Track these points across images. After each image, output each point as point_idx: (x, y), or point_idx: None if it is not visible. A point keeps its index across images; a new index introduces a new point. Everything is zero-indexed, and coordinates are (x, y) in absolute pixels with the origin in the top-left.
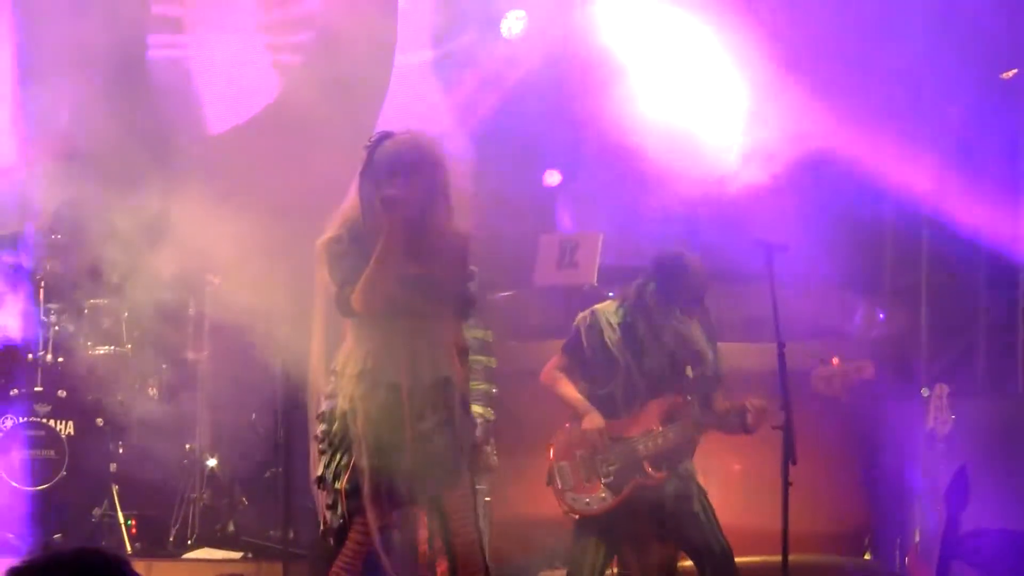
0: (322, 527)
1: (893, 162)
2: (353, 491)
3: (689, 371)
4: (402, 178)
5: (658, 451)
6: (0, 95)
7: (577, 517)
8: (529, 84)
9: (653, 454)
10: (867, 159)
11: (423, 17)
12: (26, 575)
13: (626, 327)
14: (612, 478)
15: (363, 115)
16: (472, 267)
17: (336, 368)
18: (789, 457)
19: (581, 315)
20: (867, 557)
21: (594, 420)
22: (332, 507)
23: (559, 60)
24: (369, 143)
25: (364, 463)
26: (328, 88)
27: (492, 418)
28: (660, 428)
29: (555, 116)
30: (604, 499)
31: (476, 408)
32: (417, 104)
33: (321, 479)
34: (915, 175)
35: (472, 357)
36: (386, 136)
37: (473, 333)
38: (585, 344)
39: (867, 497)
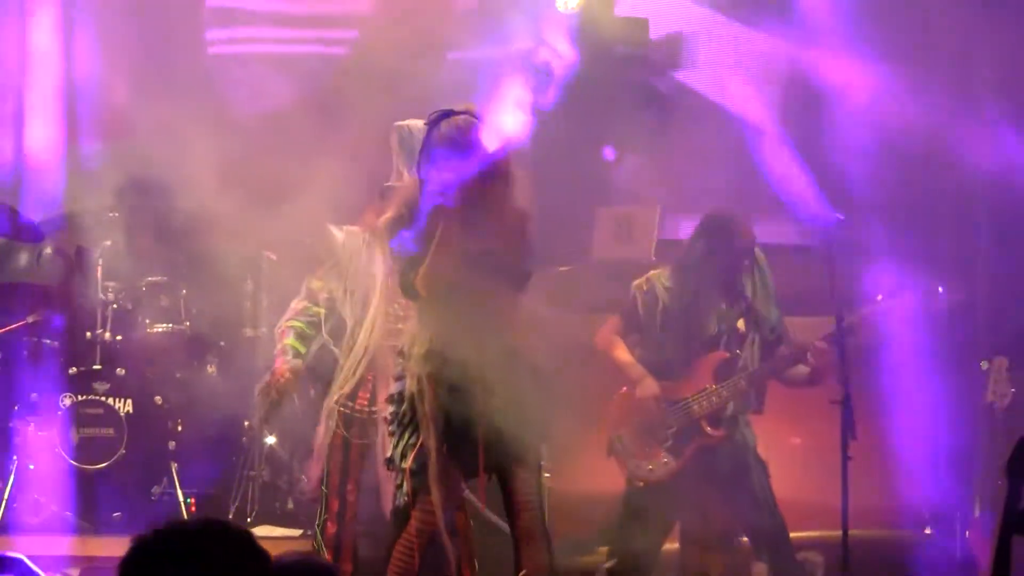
0: (389, 507)
1: (953, 132)
2: (419, 470)
3: (741, 324)
4: (463, 161)
5: (713, 408)
6: (54, 75)
7: (642, 485)
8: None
9: (709, 412)
10: (925, 129)
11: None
12: (155, 544)
13: (676, 287)
14: (672, 441)
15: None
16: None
17: (403, 349)
18: (848, 431)
19: (637, 281)
20: (927, 532)
21: (648, 386)
22: (399, 486)
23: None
24: (427, 121)
25: (432, 442)
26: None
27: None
28: (714, 385)
29: (612, 90)
30: (667, 463)
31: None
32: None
33: (390, 460)
34: (976, 143)
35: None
36: (444, 115)
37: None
38: (641, 309)
39: (927, 471)
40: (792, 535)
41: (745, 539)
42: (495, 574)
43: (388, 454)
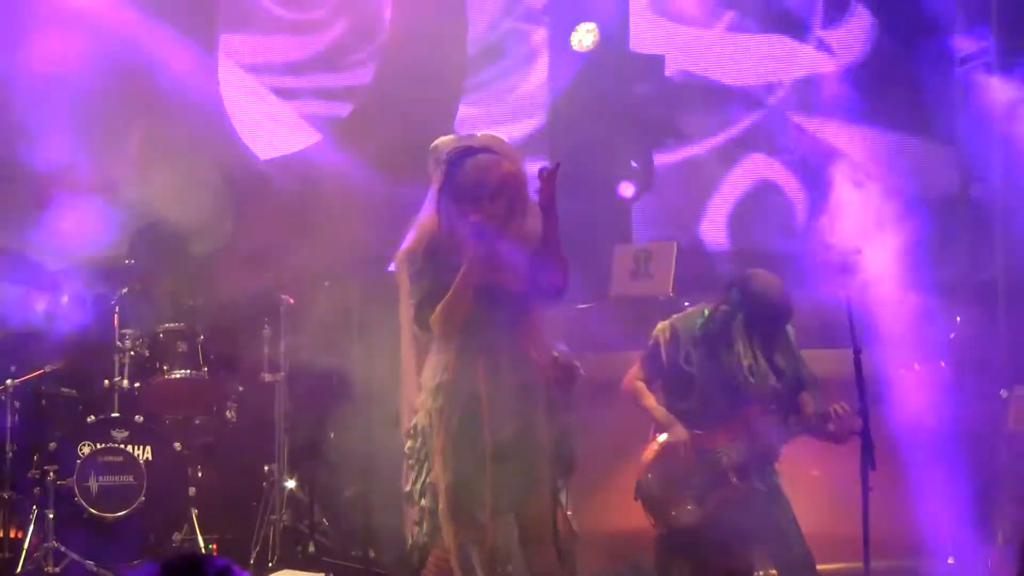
0: (409, 543)
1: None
2: (438, 508)
3: (772, 380)
4: (487, 203)
5: (742, 461)
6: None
7: (663, 531)
8: (600, 95)
9: (737, 465)
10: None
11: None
12: None
13: (707, 341)
14: (698, 491)
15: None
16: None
17: (422, 381)
18: (868, 462)
19: (660, 327)
20: (950, 561)
21: (678, 433)
22: (419, 524)
23: (626, 70)
24: (448, 158)
25: (441, 478)
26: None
27: None
28: (743, 438)
29: (628, 126)
30: (691, 511)
31: None
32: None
33: (409, 495)
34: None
35: None
36: (466, 153)
37: None
38: (664, 358)
39: (949, 501)
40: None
41: (773, 572)
42: None
43: (407, 489)
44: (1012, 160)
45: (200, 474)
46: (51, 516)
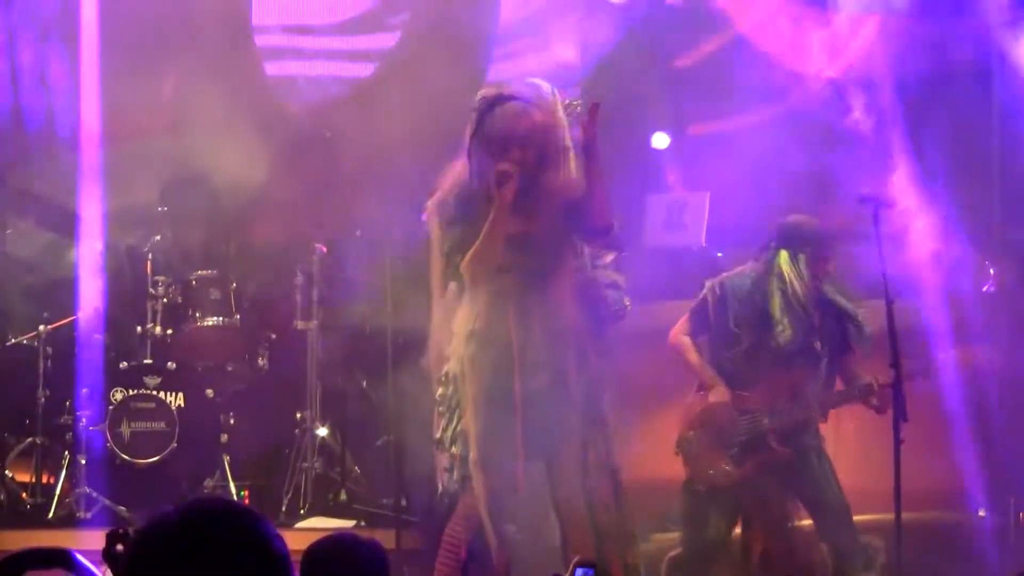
0: (439, 490)
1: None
2: (469, 456)
3: (818, 345)
4: (516, 151)
5: (783, 426)
6: (98, 70)
7: (702, 489)
8: (634, 44)
9: (779, 429)
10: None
11: None
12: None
13: (754, 301)
14: (737, 450)
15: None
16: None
17: (454, 328)
18: (900, 415)
19: (709, 284)
20: (981, 514)
21: (720, 393)
22: (449, 470)
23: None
24: (479, 104)
25: (473, 427)
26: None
27: None
28: (788, 403)
29: (660, 77)
30: (728, 472)
31: None
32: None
33: (439, 442)
34: None
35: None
36: (497, 100)
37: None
38: (711, 315)
39: (981, 454)
40: None
41: (806, 522)
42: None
43: (438, 435)
44: None
45: (232, 421)
46: (83, 462)
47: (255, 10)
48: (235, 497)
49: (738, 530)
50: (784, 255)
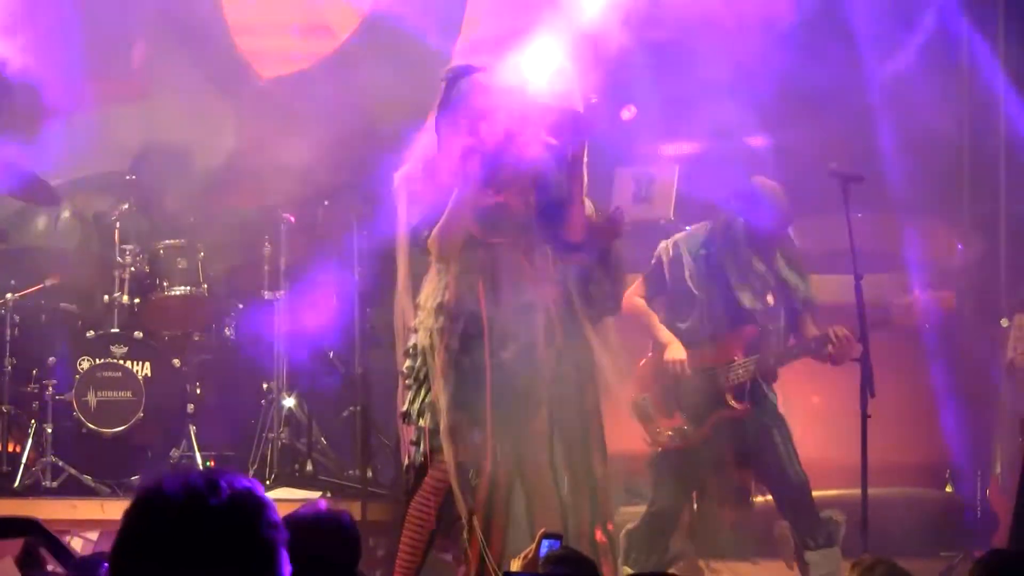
0: (405, 462)
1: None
2: (436, 428)
3: (770, 299)
4: (483, 125)
5: (739, 382)
6: (69, 38)
7: (660, 450)
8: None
9: (735, 385)
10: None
11: None
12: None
13: (708, 260)
14: (694, 410)
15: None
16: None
17: (419, 301)
18: (867, 389)
19: (663, 245)
20: (948, 490)
21: (676, 351)
22: (416, 443)
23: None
24: (446, 76)
25: (441, 398)
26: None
27: None
28: (741, 359)
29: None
30: (686, 431)
31: None
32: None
33: (406, 414)
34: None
35: None
36: (464, 72)
37: None
38: (667, 275)
39: (947, 429)
40: (813, 493)
41: (763, 497)
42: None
43: (404, 408)
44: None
45: (199, 391)
46: (49, 431)
47: None
48: (200, 466)
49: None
50: (739, 220)
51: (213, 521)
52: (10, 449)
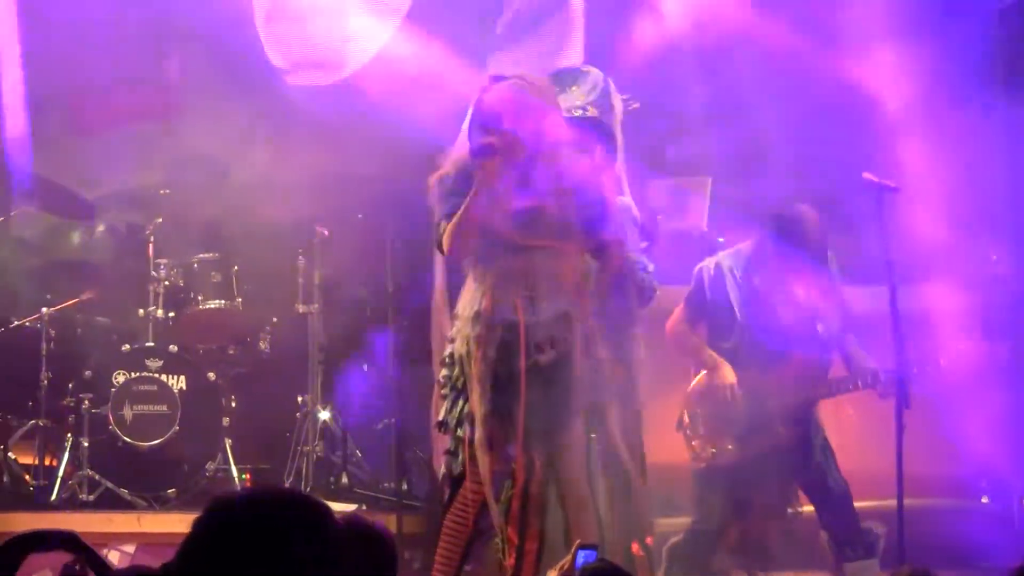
0: (441, 472)
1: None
2: (474, 438)
3: (820, 328)
4: (506, 124)
5: (787, 410)
6: (101, 54)
7: (703, 466)
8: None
9: (783, 414)
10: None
11: None
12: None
13: (748, 282)
14: (740, 432)
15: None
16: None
17: (457, 311)
18: (903, 402)
19: (704, 264)
20: (984, 500)
21: (725, 375)
22: (452, 453)
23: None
24: (482, 84)
25: (478, 408)
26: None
27: None
28: (791, 387)
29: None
30: (731, 451)
31: None
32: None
33: (443, 424)
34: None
35: None
36: (495, 80)
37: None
38: (708, 296)
39: (983, 440)
40: None
41: (808, 508)
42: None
43: (440, 417)
44: None
45: (234, 404)
46: (85, 444)
47: None
48: (236, 480)
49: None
50: (773, 243)
51: (291, 530)
52: (46, 463)
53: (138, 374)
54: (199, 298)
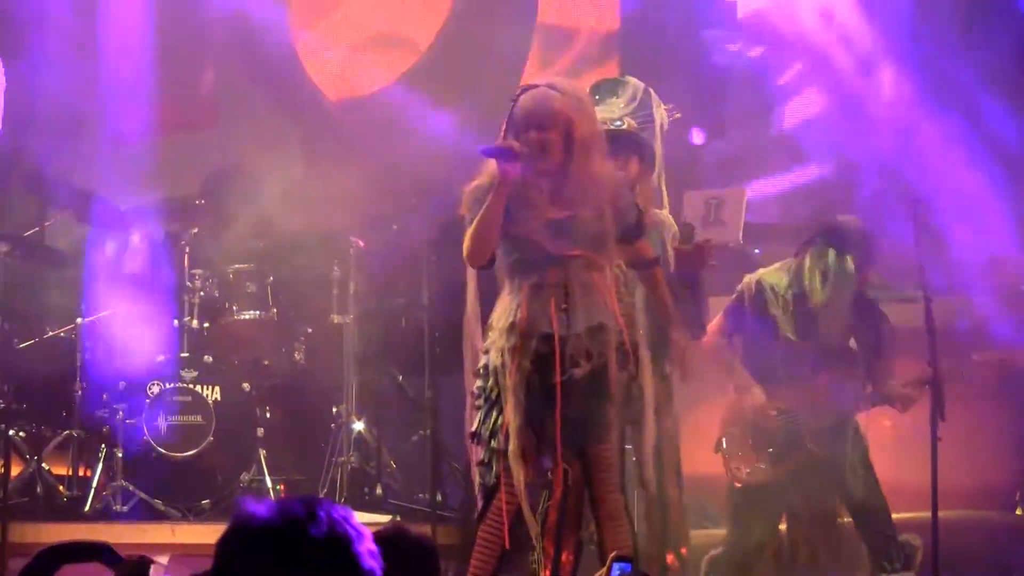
0: (476, 483)
1: None
2: (508, 449)
3: (853, 343)
4: (535, 131)
5: (821, 427)
6: (138, 65)
7: (739, 486)
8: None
9: (816, 430)
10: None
11: None
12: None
13: (792, 297)
14: (774, 450)
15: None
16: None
17: (491, 322)
18: (938, 413)
19: (746, 281)
20: (1019, 512)
21: (756, 396)
22: (486, 465)
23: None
24: (512, 95)
25: (512, 419)
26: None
27: None
28: (825, 403)
29: (698, 74)
30: (764, 470)
31: None
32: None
33: (476, 435)
34: None
35: None
36: (527, 89)
37: None
38: (748, 312)
39: (1018, 451)
40: None
41: (847, 519)
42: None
43: (473, 428)
44: None
45: (268, 415)
46: (119, 455)
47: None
48: (271, 491)
49: (783, 527)
50: (831, 253)
51: (314, 550)
52: (80, 473)
53: (173, 385)
54: (234, 308)
